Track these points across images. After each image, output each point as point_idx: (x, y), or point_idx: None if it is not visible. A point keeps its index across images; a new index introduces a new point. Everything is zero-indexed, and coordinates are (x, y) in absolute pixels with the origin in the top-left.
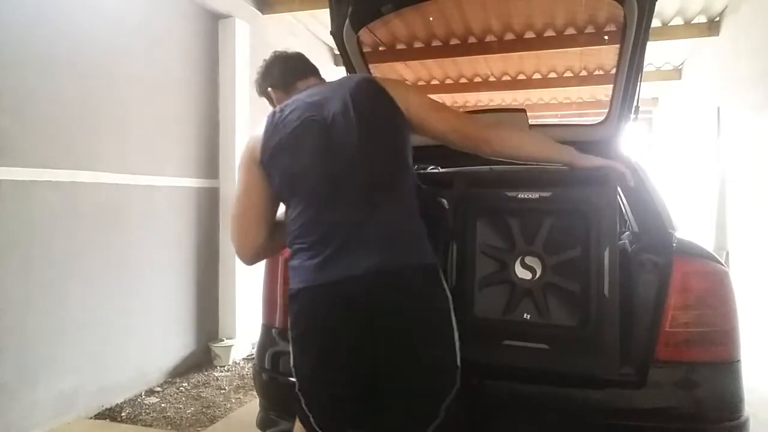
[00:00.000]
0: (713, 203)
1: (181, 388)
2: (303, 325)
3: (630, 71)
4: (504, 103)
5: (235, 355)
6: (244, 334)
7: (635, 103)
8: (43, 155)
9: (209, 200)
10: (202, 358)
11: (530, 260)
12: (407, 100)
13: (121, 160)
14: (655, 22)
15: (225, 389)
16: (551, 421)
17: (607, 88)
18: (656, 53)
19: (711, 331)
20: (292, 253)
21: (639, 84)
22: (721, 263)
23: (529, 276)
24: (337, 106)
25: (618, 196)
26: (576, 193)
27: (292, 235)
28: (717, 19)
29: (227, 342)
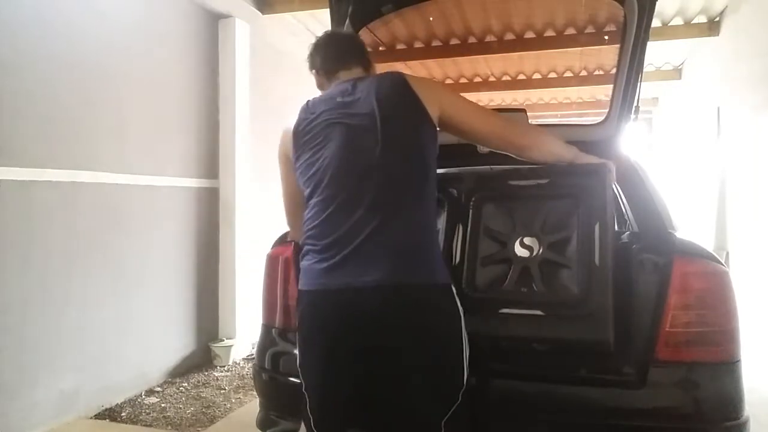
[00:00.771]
0: (713, 203)
1: (181, 388)
2: (306, 327)
3: (630, 71)
4: (504, 103)
5: (235, 355)
6: (244, 334)
7: (635, 103)
8: (43, 155)
9: (209, 200)
10: (202, 358)
11: (529, 240)
12: (441, 102)
13: (121, 160)
14: (655, 22)
15: (225, 389)
16: (551, 420)
17: (607, 88)
18: (656, 53)
19: (711, 331)
20: (303, 253)
21: (639, 84)
22: (721, 263)
23: (527, 254)
24: (365, 109)
25: (607, 182)
26: (569, 180)
27: (306, 235)
28: (717, 19)
29: (227, 342)
